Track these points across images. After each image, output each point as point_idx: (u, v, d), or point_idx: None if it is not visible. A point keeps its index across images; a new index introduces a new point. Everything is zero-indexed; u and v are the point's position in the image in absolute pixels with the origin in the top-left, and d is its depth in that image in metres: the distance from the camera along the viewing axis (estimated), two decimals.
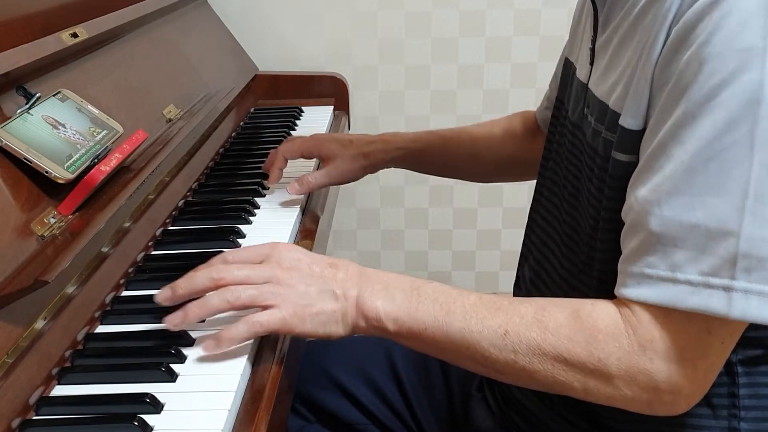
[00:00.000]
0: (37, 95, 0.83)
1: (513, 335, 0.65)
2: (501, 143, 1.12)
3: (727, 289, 0.59)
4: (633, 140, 0.66)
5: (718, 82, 0.58)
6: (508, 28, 1.72)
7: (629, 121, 0.66)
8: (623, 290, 0.64)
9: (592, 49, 0.78)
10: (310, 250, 0.96)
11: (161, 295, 0.72)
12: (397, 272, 0.75)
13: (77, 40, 0.95)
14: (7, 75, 0.80)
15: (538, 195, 0.92)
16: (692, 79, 0.59)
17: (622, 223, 0.67)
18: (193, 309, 0.70)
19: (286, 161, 1.08)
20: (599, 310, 0.65)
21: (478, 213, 1.89)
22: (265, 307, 0.69)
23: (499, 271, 1.94)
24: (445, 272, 1.93)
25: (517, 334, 0.65)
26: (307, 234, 1.01)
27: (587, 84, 0.79)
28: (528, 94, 1.77)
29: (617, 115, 0.68)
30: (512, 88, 1.77)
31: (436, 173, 1.17)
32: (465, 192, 1.86)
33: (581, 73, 0.82)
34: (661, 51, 0.63)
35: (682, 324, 0.61)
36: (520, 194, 1.84)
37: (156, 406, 0.65)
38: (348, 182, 1.09)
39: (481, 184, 1.77)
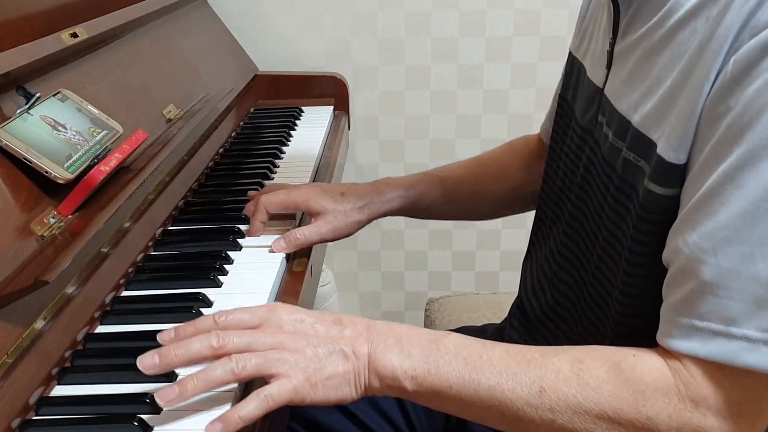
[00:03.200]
0: (37, 95, 0.83)
1: (550, 392, 0.61)
2: (504, 175, 1.04)
3: None
4: (674, 173, 0.61)
5: None
6: (508, 28, 1.72)
7: (670, 153, 0.60)
8: (670, 342, 0.59)
9: (610, 53, 0.74)
10: (310, 250, 0.96)
11: (146, 361, 0.63)
12: (397, 273, 0.74)
13: (77, 40, 0.95)
14: (7, 75, 0.80)
15: (541, 202, 0.91)
16: (755, 118, 0.53)
17: (653, 258, 0.63)
18: (193, 382, 0.62)
19: (268, 214, 0.96)
20: (644, 362, 0.60)
21: None
22: (270, 376, 0.63)
23: (499, 271, 1.94)
24: (445, 272, 1.93)
25: (554, 391, 0.61)
26: None
27: (603, 89, 0.75)
28: (528, 94, 1.77)
29: (648, 140, 0.64)
30: (512, 88, 1.77)
31: (437, 217, 1.08)
32: None
33: (594, 76, 0.78)
34: (714, 81, 0.57)
35: (739, 379, 0.56)
36: None
37: (156, 406, 0.65)
38: (340, 239, 0.98)
39: None
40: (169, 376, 0.68)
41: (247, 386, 0.70)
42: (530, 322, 0.87)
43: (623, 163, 0.68)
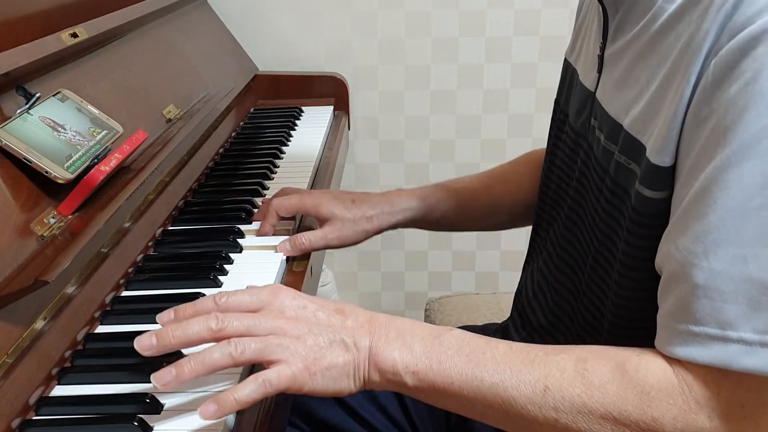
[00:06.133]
0: (37, 95, 0.83)
1: (554, 391, 0.60)
2: (517, 186, 1.02)
3: None
4: (662, 176, 0.61)
5: (766, 124, 0.53)
6: (508, 28, 1.72)
7: (656, 156, 0.61)
8: (670, 348, 0.59)
9: (601, 57, 0.74)
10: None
11: (143, 342, 0.63)
12: (397, 272, 0.73)
13: (77, 40, 0.95)
14: (7, 75, 0.80)
15: (539, 203, 0.91)
16: (737, 119, 0.54)
17: (646, 263, 0.63)
18: (190, 365, 0.61)
19: (279, 218, 0.97)
20: (648, 363, 0.60)
21: None
22: (269, 362, 0.62)
23: (499, 271, 1.94)
24: (445, 272, 1.93)
25: (558, 390, 0.60)
26: None
27: (594, 93, 0.75)
28: (528, 94, 1.77)
29: (638, 143, 0.64)
30: (512, 88, 1.77)
31: (450, 229, 1.07)
32: None
33: (586, 80, 0.79)
34: (695, 84, 0.57)
35: (741, 380, 0.56)
36: None
37: (156, 406, 0.65)
38: (346, 246, 0.97)
39: None
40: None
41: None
42: (531, 326, 0.87)
43: (616, 166, 0.68)
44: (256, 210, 1.05)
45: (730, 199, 0.54)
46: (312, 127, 1.46)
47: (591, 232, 0.74)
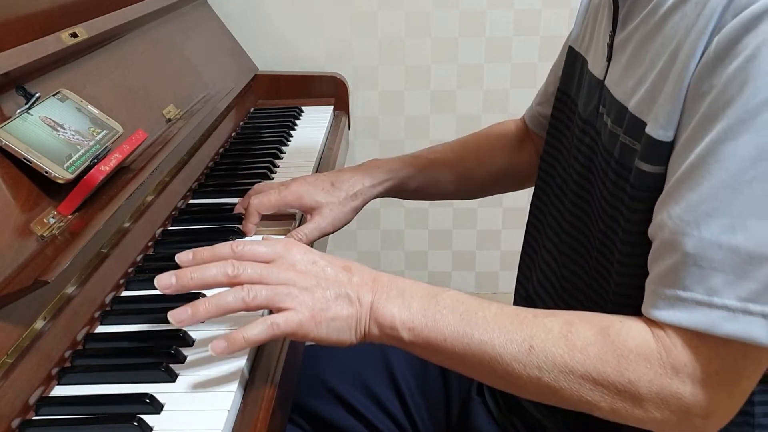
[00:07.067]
0: (37, 95, 0.83)
1: (538, 351, 0.63)
2: (490, 158, 1.06)
3: (767, 316, 0.56)
4: (662, 151, 0.63)
5: (764, 99, 0.55)
6: (508, 28, 1.72)
7: (659, 131, 0.63)
8: (655, 312, 0.61)
9: (610, 45, 0.75)
10: (312, 246, 0.96)
11: (163, 281, 0.67)
12: (397, 272, 0.74)
13: (77, 40, 0.95)
14: (6, 75, 0.80)
15: (539, 192, 0.91)
16: (736, 95, 0.56)
17: (645, 237, 0.64)
18: (205, 306, 0.65)
19: (260, 216, 0.97)
20: (629, 328, 0.62)
21: (478, 213, 1.89)
22: (278, 310, 0.66)
23: (499, 271, 1.94)
24: (445, 272, 1.93)
25: (543, 350, 0.63)
26: None
27: (603, 81, 0.76)
28: (528, 94, 1.76)
29: (641, 122, 0.65)
30: (512, 88, 1.77)
31: (425, 198, 1.10)
32: None
33: (596, 69, 0.79)
34: (699, 60, 0.59)
35: (718, 348, 0.58)
36: (520, 194, 1.82)
37: (156, 406, 0.65)
38: (340, 228, 0.99)
39: None
40: (170, 374, 0.69)
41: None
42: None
43: (620, 148, 0.69)
44: None
45: (724, 171, 0.56)
46: (312, 127, 1.46)
47: (597, 216, 0.75)
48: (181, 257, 0.70)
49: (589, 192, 0.78)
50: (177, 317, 0.66)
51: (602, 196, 0.73)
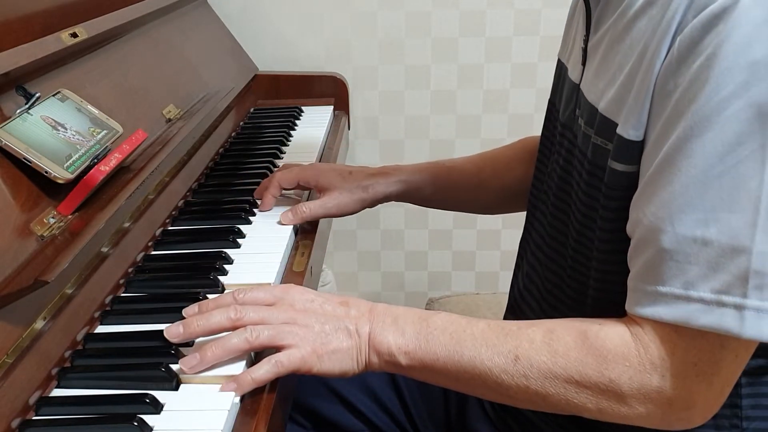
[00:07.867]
0: (37, 95, 0.83)
1: (523, 360, 0.66)
2: (507, 169, 1.07)
3: (739, 307, 0.58)
4: (633, 151, 0.65)
5: (727, 95, 0.57)
6: (508, 28, 1.72)
7: (630, 131, 0.64)
8: (638, 309, 0.63)
9: (584, 49, 0.77)
10: (310, 250, 0.96)
11: (172, 331, 0.71)
12: (397, 273, 0.75)
13: (77, 40, 0.95)
14: (6, 75, 0.80)
15: (531, 198, 0.92)
16: (699, 92, 0.58)
17: (622, 234, 0.66)
18: (213, 350, 0.68)
19: (281, 189, 1.05)
20: (607, 330, 0.65)
21: None
22: (281, 348, 0.69)
23: (499, 271, 1.94)
24: (445, 272, 1.93)
25: (527, 359, 0.66)
26: (307, 234, 1.01)
27: (579, 85, 0.78)
28: (528, 94, 1.77)
29: (611, 123, 0.67)
30: (512, 88, 1.77)
31: (439, 206, 1.12)
32: None
33: (573, 74, 0.81)
34: (664, 60, 0.61)
35: (695, 340, 0.60)
36: None
37: (156, 406, 0.65)
38: (344, 215, 1.04)
39: None
40: (171, 381, 0.68)
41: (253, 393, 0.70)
42: (525, 318, 0.88)
43: (593, 149, 0.71)
44: (256, 210, 1.05)
45: (693, 168, 0.58)
46: (312, 126, 1.46)
47: (574, 217, 0.76)
48: (187, 311, 0.73)
49: (567, 193, 0.79)
50: (188, 364, 0.68)
51: (578, 197, 0.75)
